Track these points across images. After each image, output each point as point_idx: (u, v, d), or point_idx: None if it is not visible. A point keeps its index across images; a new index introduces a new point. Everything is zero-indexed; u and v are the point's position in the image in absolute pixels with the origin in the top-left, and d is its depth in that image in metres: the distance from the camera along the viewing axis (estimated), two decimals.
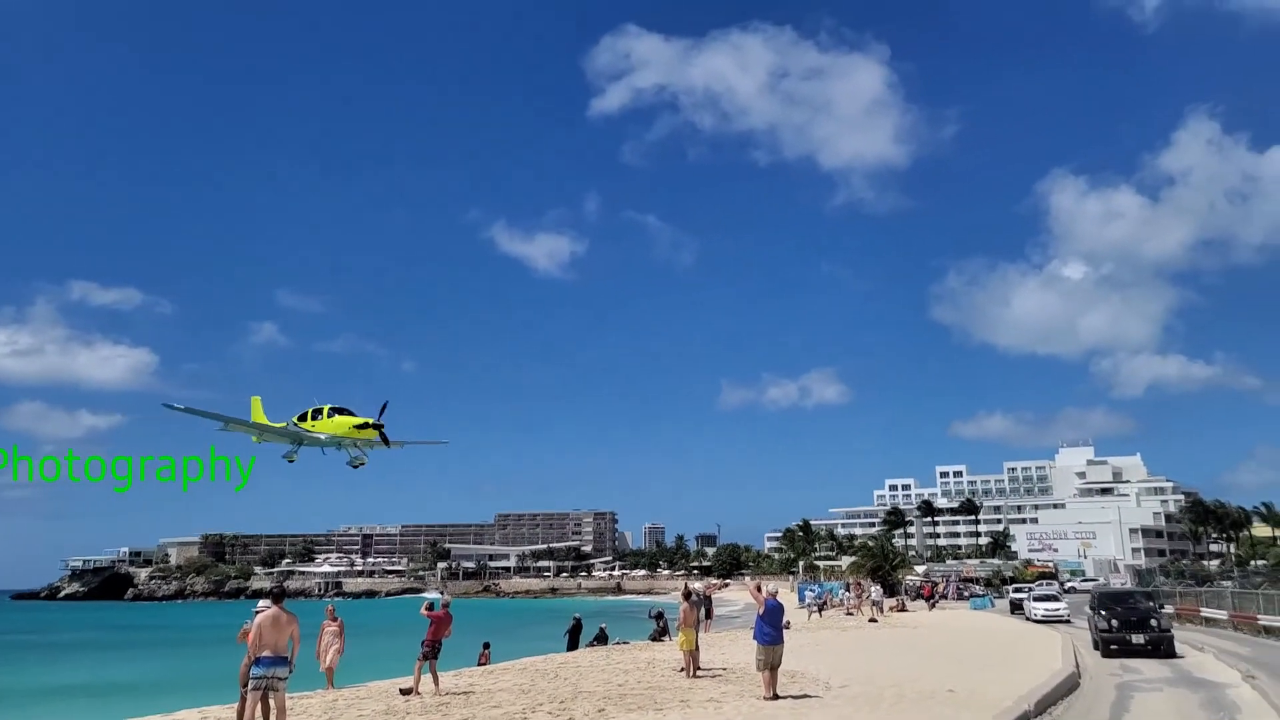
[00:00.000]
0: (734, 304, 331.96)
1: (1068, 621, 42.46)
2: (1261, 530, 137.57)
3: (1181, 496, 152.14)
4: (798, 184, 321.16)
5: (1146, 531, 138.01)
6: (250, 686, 12.05)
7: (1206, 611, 45.25)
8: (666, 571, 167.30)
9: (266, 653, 11.97)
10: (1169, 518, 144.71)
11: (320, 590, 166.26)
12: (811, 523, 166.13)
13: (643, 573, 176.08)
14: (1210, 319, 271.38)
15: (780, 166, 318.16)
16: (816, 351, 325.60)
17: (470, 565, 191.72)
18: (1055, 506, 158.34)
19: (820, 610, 52.64)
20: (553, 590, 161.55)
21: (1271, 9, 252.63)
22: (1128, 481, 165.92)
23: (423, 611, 17.83)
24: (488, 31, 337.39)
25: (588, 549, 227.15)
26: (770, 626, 16.49)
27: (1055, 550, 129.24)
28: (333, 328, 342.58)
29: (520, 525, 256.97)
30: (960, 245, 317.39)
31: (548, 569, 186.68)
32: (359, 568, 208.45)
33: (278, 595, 13.04)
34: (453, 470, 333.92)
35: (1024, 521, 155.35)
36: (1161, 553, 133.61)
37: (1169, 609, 42.76)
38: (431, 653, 17.17)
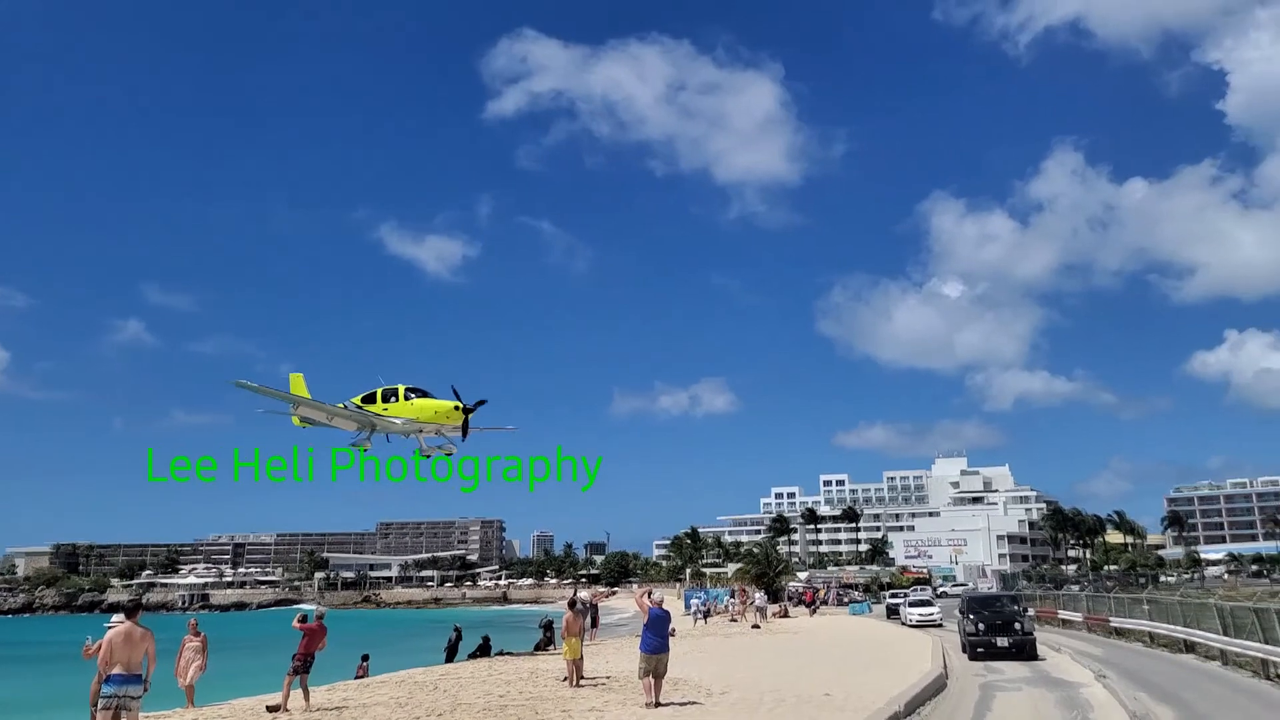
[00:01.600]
0: (627, 312, 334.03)
1: (940, 625, 44.11)
2: (1114, 537, 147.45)
3: (1044, 505, 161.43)
4: (693, 196, 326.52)
5: (1012, 538, 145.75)
6: (100, 706, 11.36)
7: (1064, 614, 48.00)
8: (554, 580, 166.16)
9: (118, 670, 11.32)
10: (1032, 525, 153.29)
11: (184, 603, 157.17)
12: (700, 530, 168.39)
13: (530, 582, 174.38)
14: (1072, 338, 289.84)
15: (676, 178, 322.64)
16: (707, 361, 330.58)
17: (350, 575, 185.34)
18: (930, 514, 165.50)
19: (705, 617, 53.14)
20: (436, 600, 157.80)
21: (1132, 50, 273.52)
22: (996, 491, 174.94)
23: (294, 624, 17.00)
24: (381, 27, 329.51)
25: (474, 558, 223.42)
26: (654, 634, 16.45)
27: (930, 556, 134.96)
28: (205, 327, 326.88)
29: (404, 534, 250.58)
30: (846, 261, 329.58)
31: (432, 579, 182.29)
32: (229, 578, 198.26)
33: (131, 609, 12.32)
34: (332, 478, 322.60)
35: (902, 529, 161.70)
36: (1025, 558, 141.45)
37: (1031, 611, 45.11)
38: (302, 667, 16.39)
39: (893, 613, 55.37)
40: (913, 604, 50.17)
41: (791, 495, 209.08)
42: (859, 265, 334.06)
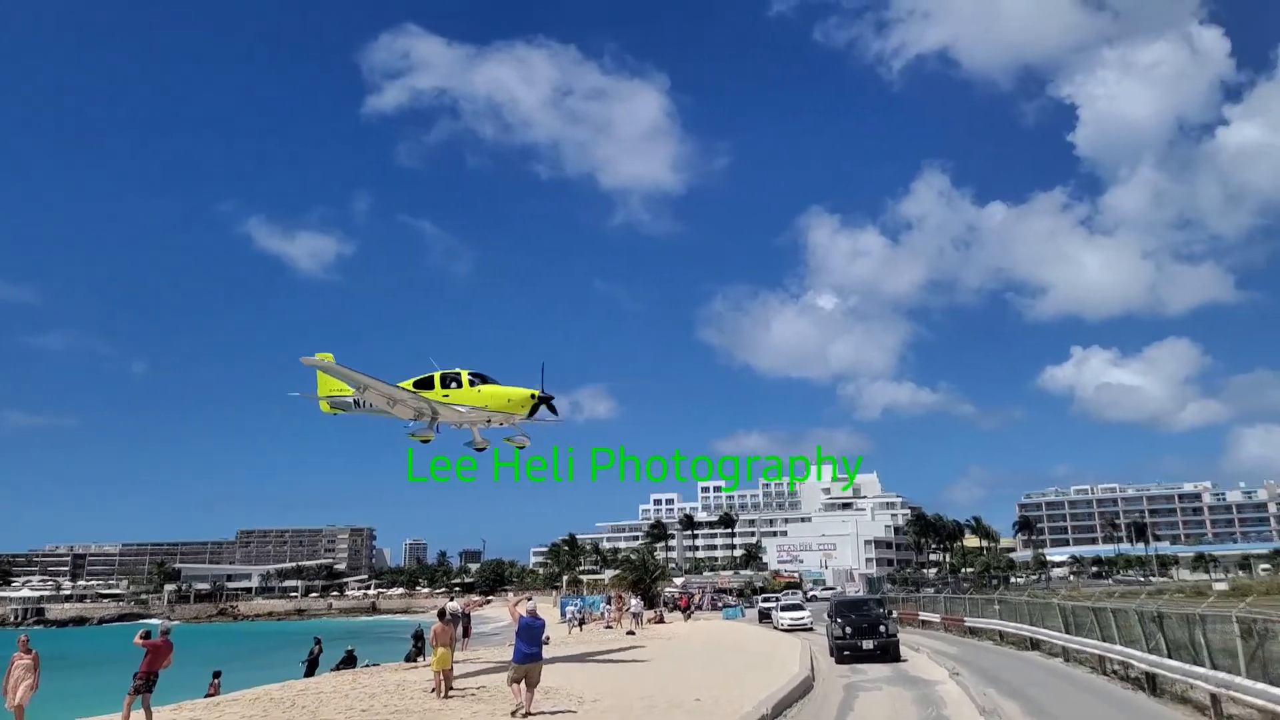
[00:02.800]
0: (509, 316, 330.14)
1: (811, 629, 45.27)
2: (972, 541, 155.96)
3: (909, 511, 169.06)
4: (578, 201, 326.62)
5: (879, 543, 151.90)
6: None
7: (924, 615, 50.24)
8: (427, 590, 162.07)
9: None
10: (897, 530, 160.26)
11: (17, 618, 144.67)
12: (578, 537, 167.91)
13: (400, 591, 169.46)
14: (936, 352, 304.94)
15: (561, 182, 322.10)
16: (589, 367, 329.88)
17: (204, 587, 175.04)
18: (803, 520, 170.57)
19: (581, 624, 52.80)
20: (300, 612, 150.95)
21: (993, 81, 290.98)
22: (865, 497, 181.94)
23: (137, 640, 15.81)
24: (258, 12, 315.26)
25: (341, 567, 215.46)
26: (526, 643, 16.24)
27: (801, 561, 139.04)
28: (46, 320, 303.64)
29: (265, 542, 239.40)
30: (727, 271, 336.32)
31: (295, 589, 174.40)
32: (67, 591, 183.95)
33: None
34: (186, 483, 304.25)
35: (775, 534, 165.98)
36: (891, 562, 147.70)
37: (895, 614, 46.94)
38: (145, 686, 15.25)
39: (765, 617, 56.50)
40: (784, 608, 51.27)
41: (670, 501, 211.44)
42: (740, 276, 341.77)
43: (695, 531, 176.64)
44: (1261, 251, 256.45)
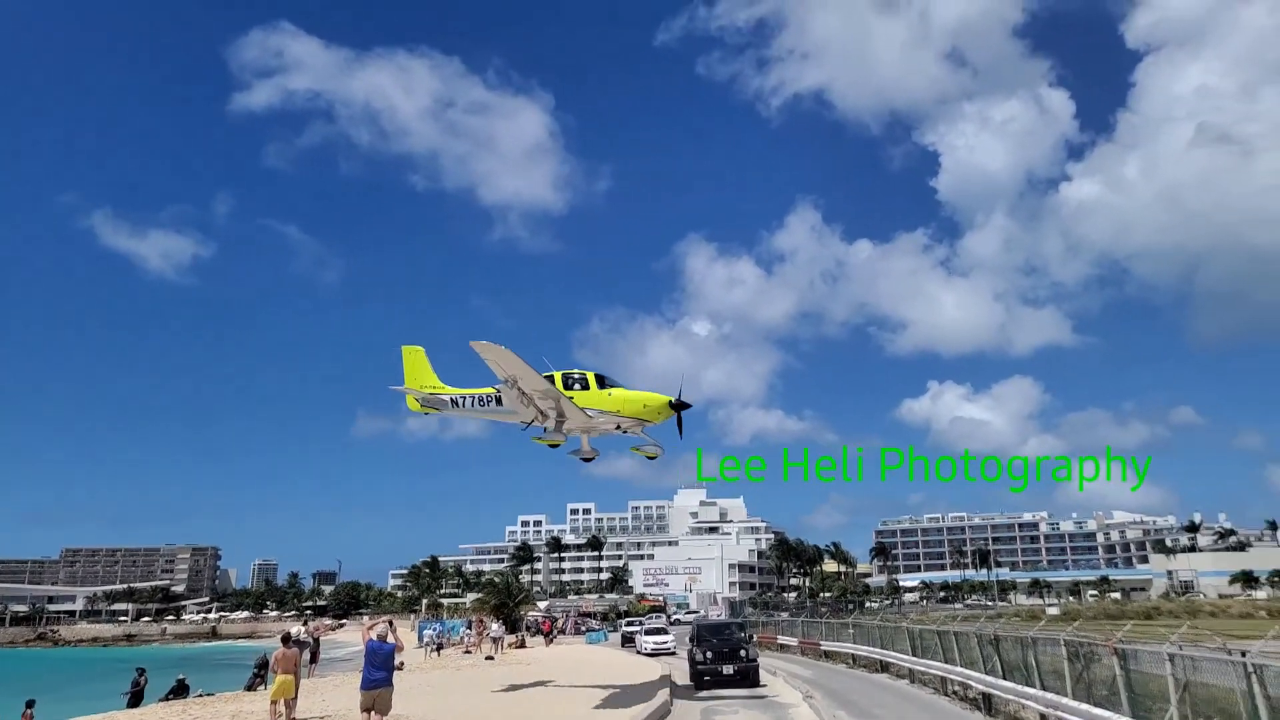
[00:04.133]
0: (379, 328, 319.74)
1: (674, 653, 45.20)
2: (830, 566, 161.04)
3: (772, 535, 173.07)
4: (455, 214, 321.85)
5: (743, 567, 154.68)
6: None
7: (782, 639, 51.19)
8: (275, 613, 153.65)
9: None
10: (760, 554, 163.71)
11: None
12: (440, 559, 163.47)
13: (245, 615, 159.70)
14: (803, 381, 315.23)
15: (439, 195, 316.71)
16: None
17: (22, 609, 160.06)
18: (670, 544, 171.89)
19: (439, 650, 51.24)
20: (129, 637, 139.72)
21: (865, 125, 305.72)
22: (731, 521, 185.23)
23: None
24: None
25: (180, 589, 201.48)
26: (373, 668, 15.64)
27: (667, 585, 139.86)
28: None
29: (94, 562, 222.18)
30: (605, 294, 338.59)
31: (125, 612, 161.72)
32: None
33: None
34: (5, 495, 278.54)
35: (643, 557, 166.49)
36: (753, 586, 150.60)
37: (755, 638, 47.59)
38: None
39: (628, 641, 56.17)
40: (648, 632, 51.13)
41: (539, 523, 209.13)
42: (617, 299, 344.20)
43: (562, 554, 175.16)
44: (1096, 299, 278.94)
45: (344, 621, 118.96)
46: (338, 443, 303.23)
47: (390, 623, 17.98)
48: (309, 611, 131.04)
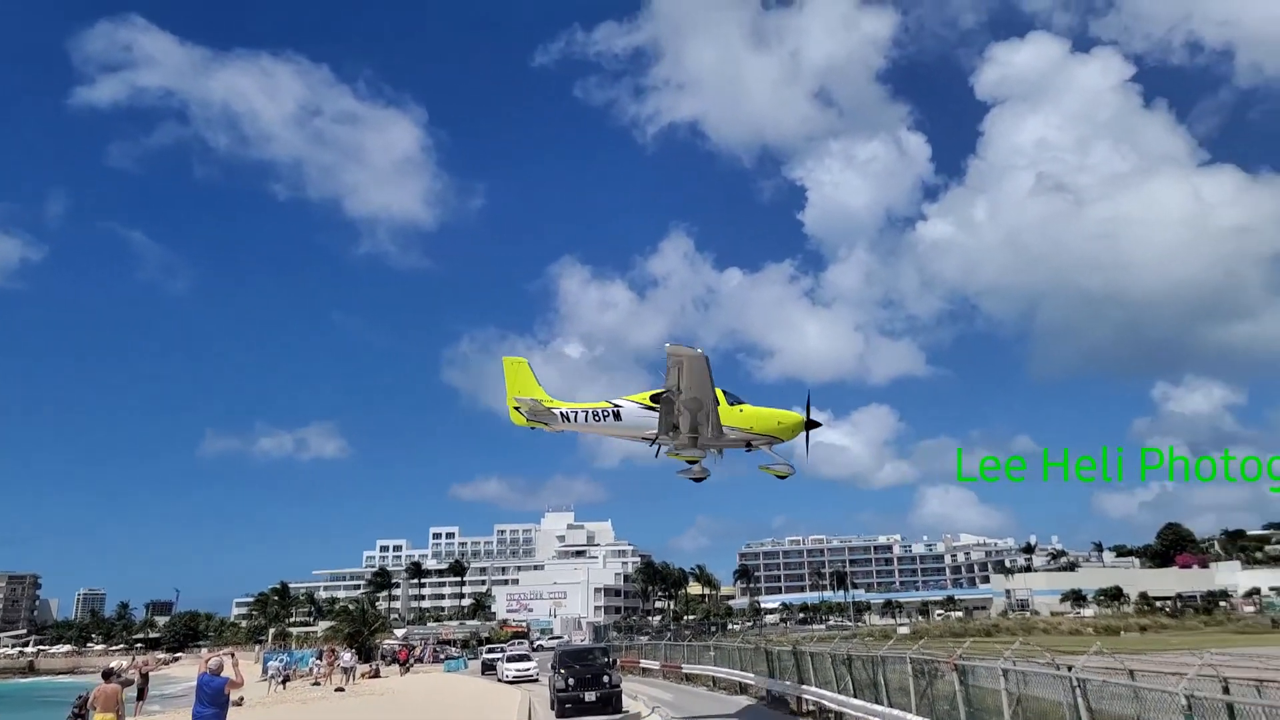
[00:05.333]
0: (232, 342, 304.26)
1: (536, 680, 44.27)
2: (695, 588, 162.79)
3: (639, 559, 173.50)
4: (319, 226, 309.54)
5: (609, 590, 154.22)
6: None
7: (645, 663, 51.13)
8: (101, 646, 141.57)
9: None
10: (627, 578, 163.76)
11: None
12: (291, 586, 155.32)
13: (67, 649, 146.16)
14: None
15: (302, 204, 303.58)
16: (319, 402, 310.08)
17: None
18: (535, 568, 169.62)
19: (285, 682, 48.46)
20: None
21: (736, 156, 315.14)
22: (599, 545, 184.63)
23: None
24: None
25: None
26: (202, 705, 14.61)
27: (531, 610, 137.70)
28: None
29: None
30: (476, 313, 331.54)
31: None
32: None
33: None
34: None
35: (507, 582, 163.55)
36: (619, 609, 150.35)
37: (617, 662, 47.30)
38: None
39: (488, 668, 55.09)
40: (510, 659, 50.07)
41: (399, 548, 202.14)
42: (489, 318, 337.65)
43: (423, 580, 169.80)
44: (948, 333, 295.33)
45: (179, 655, 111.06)
46: (181, 463, 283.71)
47: (232, 654, 16.85)
48: (140, 645, 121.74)
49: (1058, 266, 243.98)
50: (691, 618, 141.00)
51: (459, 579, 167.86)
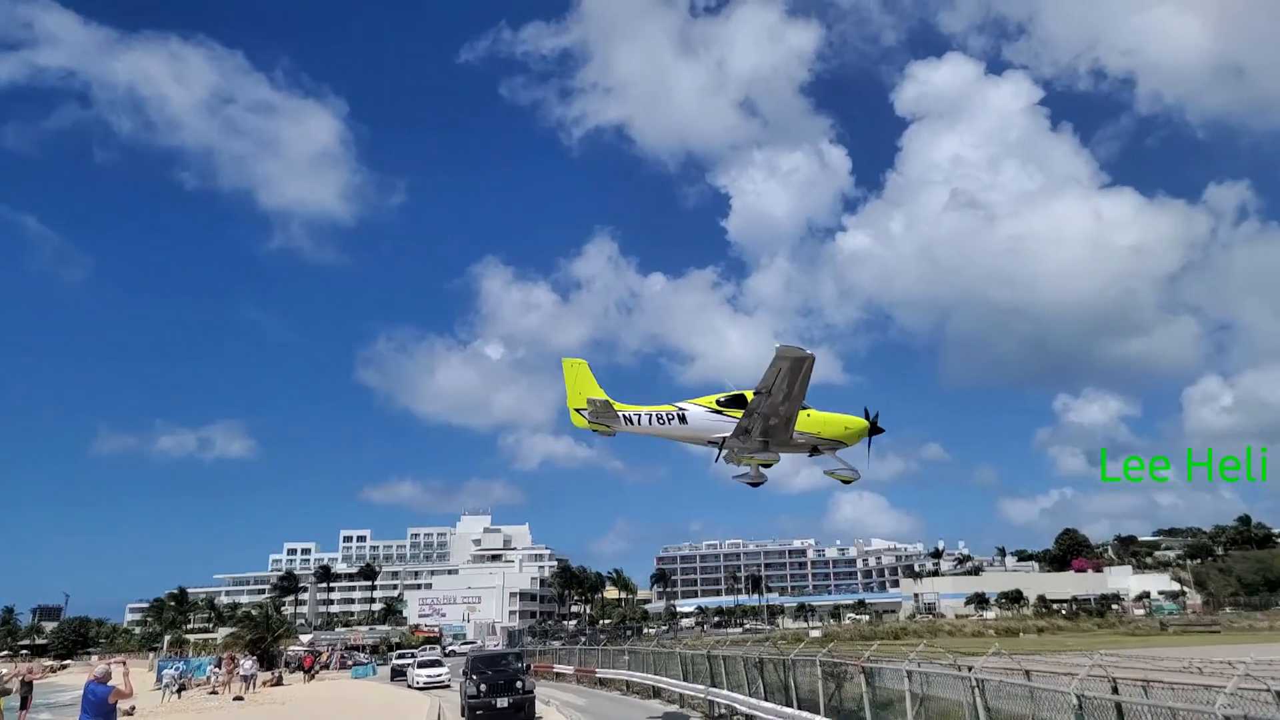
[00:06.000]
0: (130, 337, 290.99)
1: (448, 686, 43.43)
2: (612, 593, 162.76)
3: (556, 563, 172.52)
4: (229, 218, 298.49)
5: (525, 595, 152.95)
6: None
7: (559, 668, 50.75)
8: None
9: None
10: (543, 582, 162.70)
11: None
12: (190, 591, 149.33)
13: None
14: None
15: (211, 195, 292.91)
16: (225, 400, 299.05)
17: None
18: (450, 572, 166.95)
19: (180, 691, 46.40)
20: None
21: (663, 163, 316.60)
22: (515, 549, 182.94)
23: None
24: None
25: None
26: (87, 715, 14.10)
27: (444, 615, 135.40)
28: None
29: None
30: (394, 312, 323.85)
31: None
32: None
33: None
34: None
35: (420, 587, 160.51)
36: (534, 614, 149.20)
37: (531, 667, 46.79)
38: None
39: (398, 674, 53.98)
40: (421, 665, 49.13)
41: (307, 551, 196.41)
42: (407, 317, 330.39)
43: (332, 584, 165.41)
44: (864, 342, 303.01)
45: (68, 662, 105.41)
46: (72, 461, 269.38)
47: (123, 662, 16.04)
48: (25, 651, 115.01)
49: (969, 279, 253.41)
50: (607, 622, 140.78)
51: (370, 583, 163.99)
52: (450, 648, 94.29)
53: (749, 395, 22.80)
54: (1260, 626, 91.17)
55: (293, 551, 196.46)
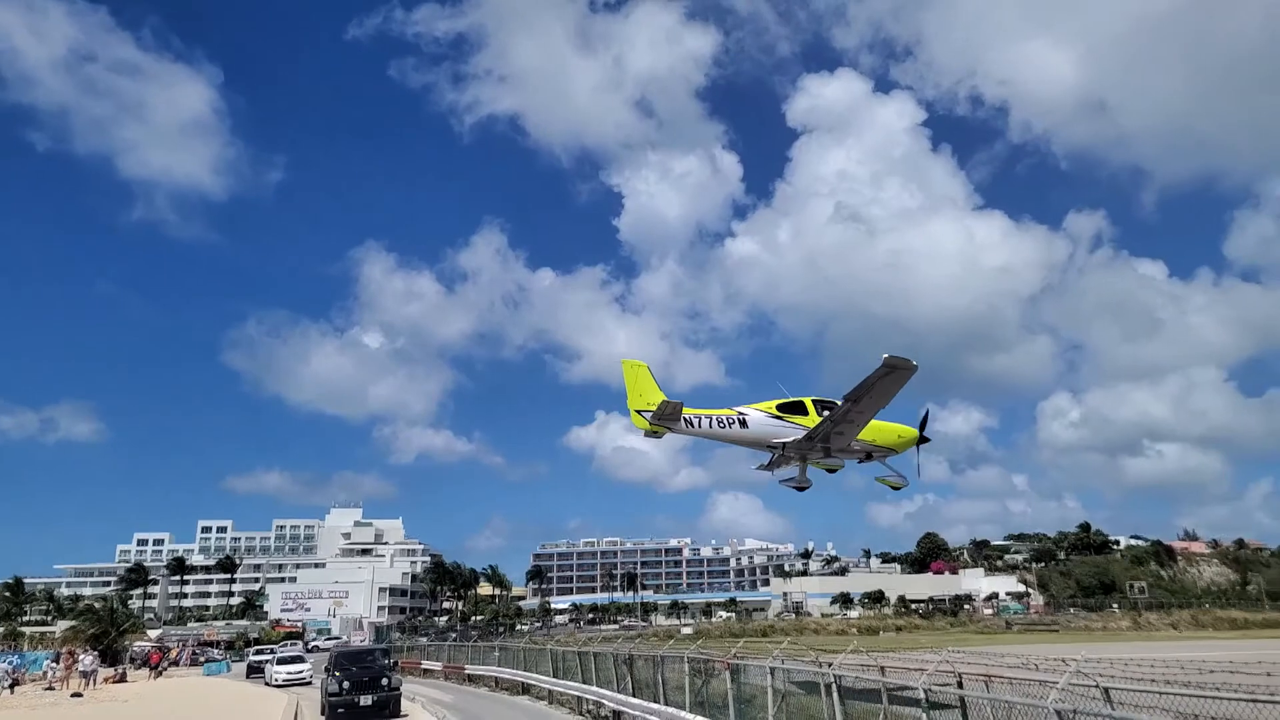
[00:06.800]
0: None
1: (310, 683, 41.91)
2: (486, 589, 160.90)
3: (429, 558, 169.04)
4: (86, 185, 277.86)
5: (395, 590, 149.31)
6: None
7: (426, 664, 49.84)
8: None
9: None
10: (415, 577, 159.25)
11: None
12: (26, 581, 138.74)
13: None
14: (475, 402, 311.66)
15: (67, 159, 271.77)
16: (73, 379, 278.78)
17: None
18: (316, 566, 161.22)
19: (13, 686, 43.25)
20: None
21: (557, 157, 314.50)
22: (387, 543, 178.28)
23: None
24: None
25: None
26: None
27: (308, 610, 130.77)
28: None
29: None
30: (266, 294, 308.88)
31: None
32: None
33: None
34: None
35: (284, 580, 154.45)
36: (404, 610, 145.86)
37: (398, 663, 45.67)
38: None
39: (255, 671, 52.18)
40: (280, 661, 47.27)
41: (160, 542, 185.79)
42: (281, 300, 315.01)
43: (186, 577, 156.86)
44: (747, 346, 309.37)
45: None
46: None
47: None
48: None
49: (849, 290, 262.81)
50: (480, 618, 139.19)
51: (229, 576, 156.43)
52: (313, 643, 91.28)
53: (807, 402, 23.78)
54: (1095, 627, 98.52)
55: (144, 542, 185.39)
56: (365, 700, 26.24)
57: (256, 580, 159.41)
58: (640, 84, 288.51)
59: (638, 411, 23.51)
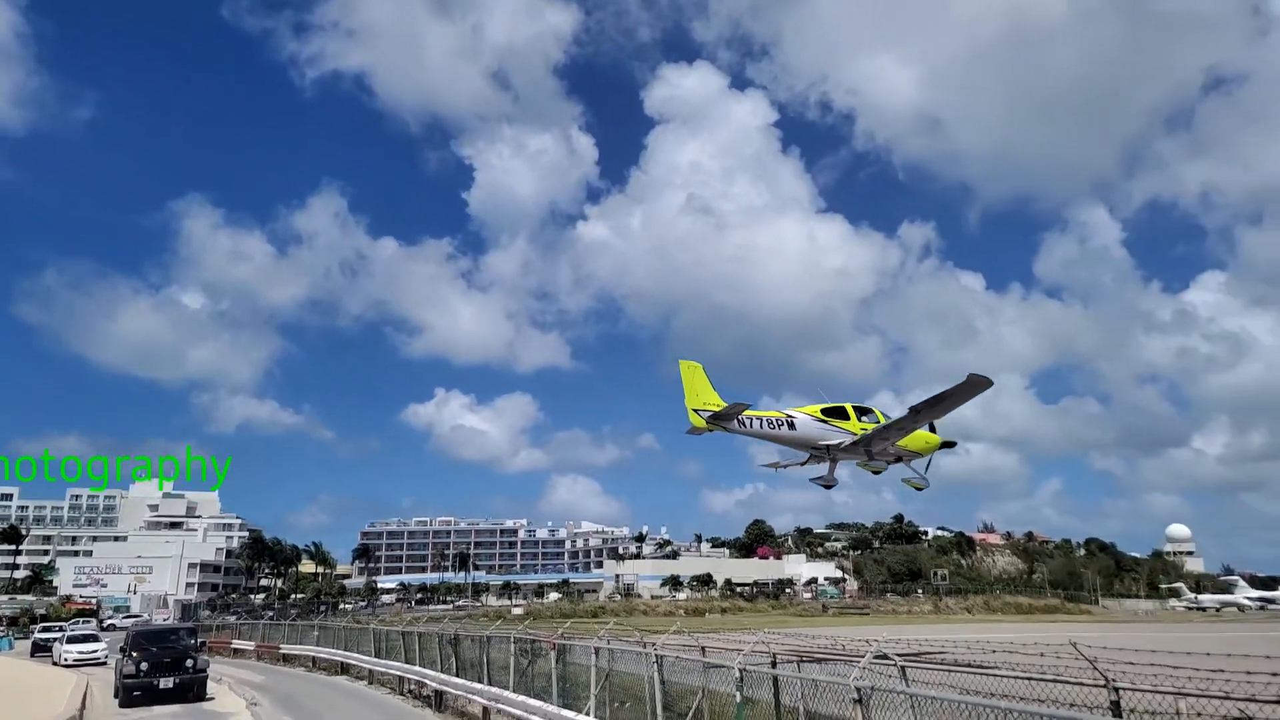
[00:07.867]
0: None
1: (105, 663, 39.06)
2: (308, 567, 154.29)
3: (247, 533, 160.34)
4: None
5: (206, 566, 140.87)
6: None
7: (237, 644, 47.38)
8: None
9: None
10: (230, 553, 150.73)
11: None
12: None
13: None
14: (306, 372, 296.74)
15: None
16: None
17: None
18: (115, 539, 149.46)
19: None
20: None
21: (405, 122, 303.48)
22: (200, 517, 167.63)
23: None
24: None
25: None
26: None
27: (105, 585, 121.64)
28: None
29: None
30: (69, 242, 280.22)
31: None
32: None
33: None
34: None
35: (77, 554, 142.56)
36: (217, 587, 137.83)
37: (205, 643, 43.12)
38: None
39: (41, 649, 48.36)
40: (71, 640, 43.73)
41: None
42: (87, 250, 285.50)
43: None
44: (593, 331, 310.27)
45: None
46: None
47: None
48: None
49: (697, 280, 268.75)
50: (301, 596, 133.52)
51: (14, 547, 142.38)
52: (109, 621, 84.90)
53: (848, 408, 25.47)
54: (901, 611, 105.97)
55: None
56: (166, 683, 24.51)
57: (45, 553, 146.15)
58: (498, 54, 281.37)
59: (695, 410, 24.39)
